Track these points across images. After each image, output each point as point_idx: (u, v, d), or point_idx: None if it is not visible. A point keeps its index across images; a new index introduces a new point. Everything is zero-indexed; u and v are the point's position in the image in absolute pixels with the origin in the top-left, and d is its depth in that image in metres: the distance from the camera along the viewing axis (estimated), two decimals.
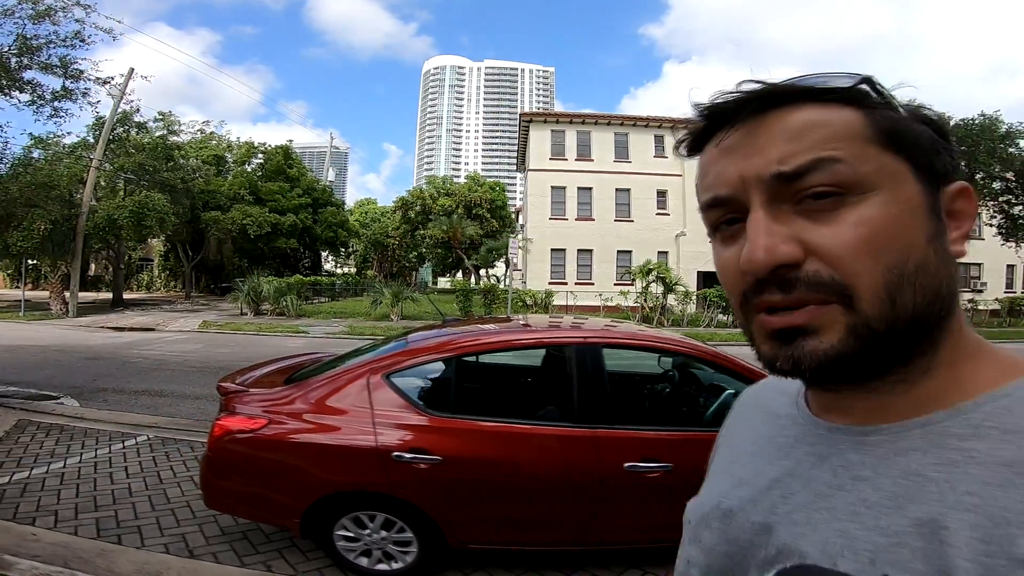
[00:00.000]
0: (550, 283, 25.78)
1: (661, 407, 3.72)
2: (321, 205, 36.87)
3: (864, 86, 0.45)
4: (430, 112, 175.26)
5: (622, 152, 28.20)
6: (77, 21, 9.20)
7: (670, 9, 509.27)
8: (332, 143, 64.78)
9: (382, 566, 3.00)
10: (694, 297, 22.80)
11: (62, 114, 9.68)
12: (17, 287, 33.82)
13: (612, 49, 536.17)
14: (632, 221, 27.89)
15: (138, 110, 10.39)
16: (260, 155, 35.29)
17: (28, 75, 8.50)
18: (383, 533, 2.95)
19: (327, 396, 3.00)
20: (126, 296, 28.20)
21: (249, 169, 34.31)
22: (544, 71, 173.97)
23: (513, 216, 45.86)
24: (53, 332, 16.05)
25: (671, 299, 22.50)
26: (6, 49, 7.76)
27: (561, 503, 2.91)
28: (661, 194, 28.09)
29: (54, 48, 8.45)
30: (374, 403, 2.92)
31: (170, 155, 26.00)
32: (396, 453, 2.79)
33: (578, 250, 27.69)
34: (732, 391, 3.38)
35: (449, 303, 25.78)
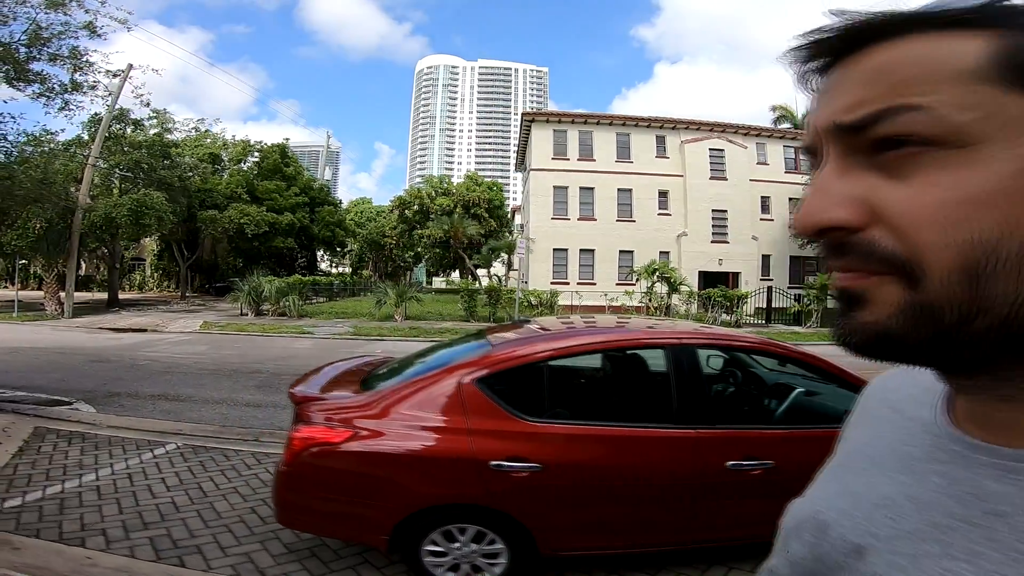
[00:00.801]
0: (552, 283, 25.60)
1: (752, 406, 3.65)
2: (318, 204, 36.46)
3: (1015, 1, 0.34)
4: (423, 111, 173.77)
5: (624, 152, 28.12)
6: (87, 12, 8.89)
7: (661, 11, 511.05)
8: (323, 142, 64.19)
9: None
10: (696, 297, 22.76)
11: (73, 107, 9.33)
12: (6, 287, 33.14)
13: (604, 50, 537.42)
14: (634, 221, 27.82)
15: (148, 104, 10.05)
16: (256, 153, 34.80)
17: (37, 67, 8.16)
18: (473, 546, 2.81)
19: (415, 403, 2.82)
20: (120, 296, 27.65)
21: (245, 168, 33.79)
22: (538, 71, 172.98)
23: (509, 216, 45.64)
24: (51, 334, 15.63)
25: (675, 299, 22.47)
26: (16, 40, 7.42)
27: (662, 504, 2.87)
28: (663, 194, 28.04)
29: (65, 39, 8.11)
30: (466, 410, 2.78)
31: (167, 153, 25.52)
32: (494, 462, 2.67)
33: (580, 250, 27.56)
34: (802, 389, 3.42)
35: (449, 303, 25.51)
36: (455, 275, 50.94)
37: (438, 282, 61.84)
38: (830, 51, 0.39)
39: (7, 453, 5.04)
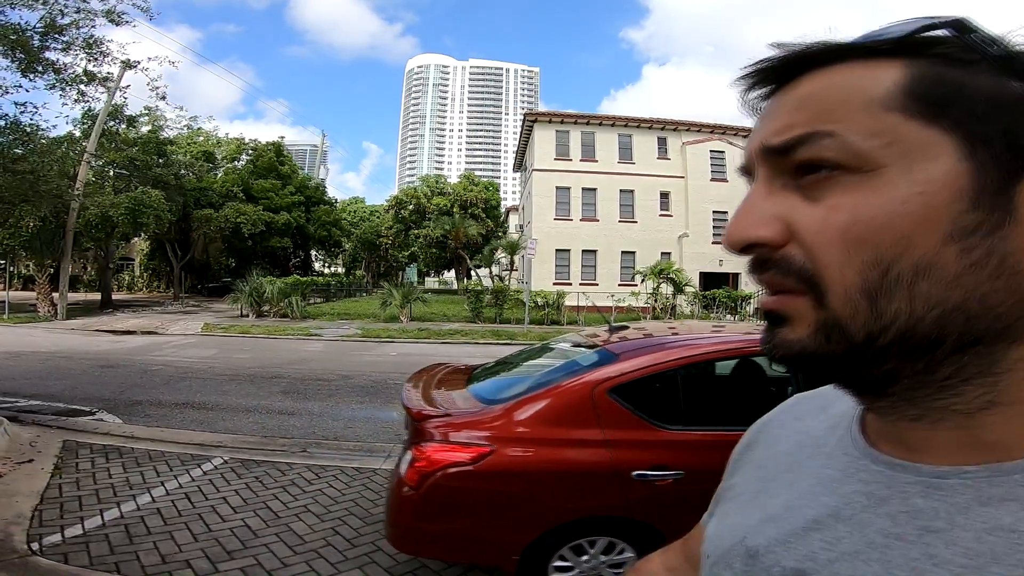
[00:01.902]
0: (555, 283, 25.45)
1: None
2: (314, 203, 35.92)
3: (938, 32, 0.36)
4: (413, 111, 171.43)
5: (626, 153, 28.05)
6: (102, 0, 8.48)
7: (650, 13, 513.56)
8: (312, 141, 63.47)
9: None
10: (700, 297, 22.73)
11: (89, 98, 8.90)
12: None
13: (594, 52, 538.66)
14: (636, 222, 27.77)
15: (164, 96, 9.65)
16: (250, 152, 34.10)
17: (50, 56, 7.72)
18: (602, 557, 2.73)
19: (547, 417, 2.70)
20: (113, 297, 26.92)
21: (240, 166, 33.11)
22: (529, 71, 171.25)
23: (503, 216, 45.32)
24: (48, 336, 15.10)
25: (680, 299, 22.42)
26: (32, 27, 7.01)
27: None
28: (664, 196, 28.03)
29: (83, 28, 7.69)
30: (601, 420, 2.69)
31: (161, 150, 24.89)
32: (637, 472, 2.59)
33: (583, 251, 27.43)
34: None
35: (449, 304, 25.21)
36: (448, 275, 50.56)
37: (430, 282, 61.37)
38: (770, 80, 0.41)
39: (44, 472, 4.70)
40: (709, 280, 26.63)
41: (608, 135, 27.96)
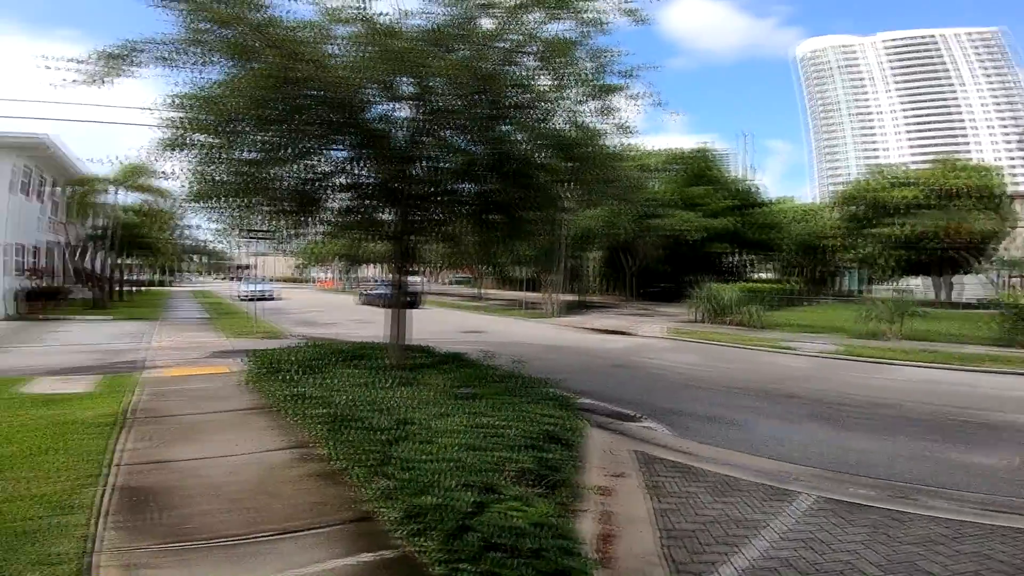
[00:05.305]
0: None
1: None
2: (747, 206, 34.80)
3: None
4: (820, 99, 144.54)
5: None
6: None
7: None
8: (745, 141, 61.53)
9: None
10: None
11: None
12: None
13: None
14: None
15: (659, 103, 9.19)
16: (680, 161, 35.19)
17: None
18: None
19: None
20: (581, 299, 32.16)
21: (672, 175, 34.78)
22: (981, 33, 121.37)
23: (1006, 203, 33.84)
24: (558, 332, 18.72)
25: None
26: None
27: None
28: None
29: None
30: None
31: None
32: None
33: None
34: None
35: (957, 320, 19.87)
36: (915, 281, 41.18)
37: (878, 290, 51.27)
38: None
39: (639, 490, 4.77)
40: None
41: None
